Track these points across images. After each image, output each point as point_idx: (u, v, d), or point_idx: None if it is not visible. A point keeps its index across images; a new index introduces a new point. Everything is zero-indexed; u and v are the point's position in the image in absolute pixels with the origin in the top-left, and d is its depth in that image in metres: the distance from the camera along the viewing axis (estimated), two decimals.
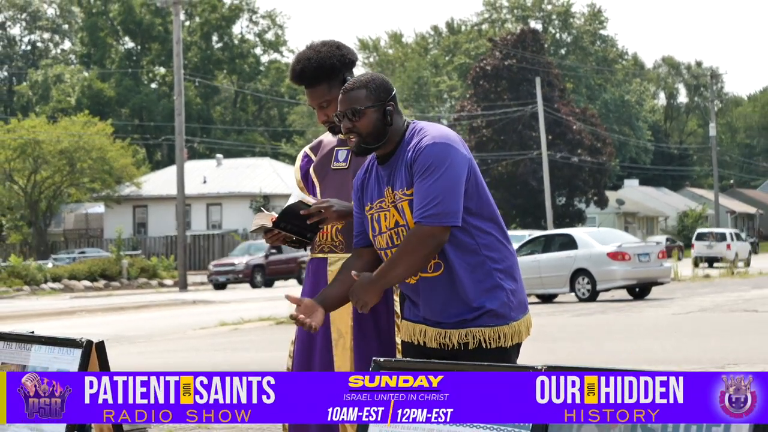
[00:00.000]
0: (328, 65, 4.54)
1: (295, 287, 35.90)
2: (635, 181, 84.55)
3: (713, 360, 11.63)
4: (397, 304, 4.47)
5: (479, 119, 63.14)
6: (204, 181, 56.82)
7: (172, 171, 51.62)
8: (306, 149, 4.86)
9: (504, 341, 3.97)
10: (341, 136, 4.13)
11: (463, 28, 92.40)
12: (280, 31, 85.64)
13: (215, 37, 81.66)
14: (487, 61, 64.54)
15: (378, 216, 4.07)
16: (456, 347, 3.97)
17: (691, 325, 16.51)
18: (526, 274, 22.18)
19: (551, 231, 31.86)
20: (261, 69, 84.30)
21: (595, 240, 24.47)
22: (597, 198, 64.14)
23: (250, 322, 19.62)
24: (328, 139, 4.76)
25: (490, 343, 3.95)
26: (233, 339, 16.71)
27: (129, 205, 58.19)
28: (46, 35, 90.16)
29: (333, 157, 4.69)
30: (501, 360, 3.92)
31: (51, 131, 53.62)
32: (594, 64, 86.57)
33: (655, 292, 24.81)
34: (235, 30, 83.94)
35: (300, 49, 4.70)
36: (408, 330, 4.14)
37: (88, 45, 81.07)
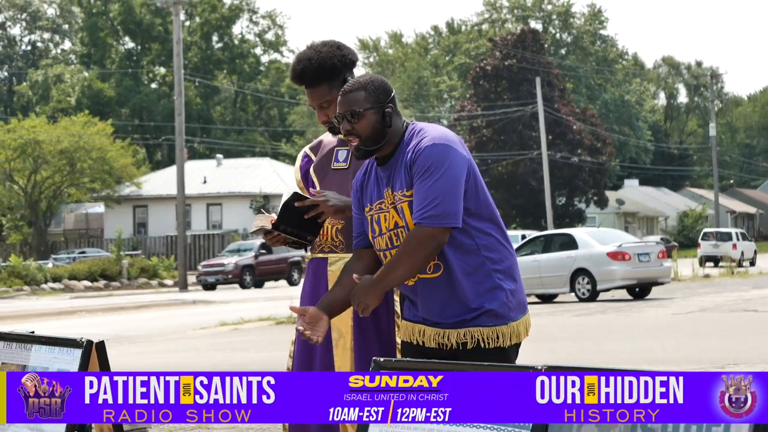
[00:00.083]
0: (328, 66, 4.53)
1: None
2: (635, 181, 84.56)
3: (713, 360, 11.63)
4: (398, 304, 4.47)
5: (479, 119, 63.15)
6: (204, 181, 56.82)
7: (172, 171, 51.62)
8: (306, 149, 4.85)
9: (503, 341, 3.96)
10: (341, 136, 4.13)
11: (463, 28, 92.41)
12: (280, 31, 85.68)
13: (215, 37, 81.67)
14: (487, 61, 64.55)
15: (377, 217, 4.06)
16: (455, 347, 3.97)
17: (691, 325, 16.50)
18: (526, 274, 22.17)
19: (551, 231, 31.84)
20: (261, 69, 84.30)
21: (595, 240, 24.46)
22: (597, 198, 64.15)
23: (250, 322, 19.62)
24: (328, 139, 4.76)
25: (488, 343, 3.95)
26: (233, 339, 16.71)
27: (129, 205, 58.19)
28: (46, 35, 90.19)
29: (333, 157, 4.68)
30: (500, 360, 3.91)
31: (51, 131, 53.62)
32: (594, 64, 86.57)
33: (655, 292, 24.80)
34: (235, 30, 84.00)
35: (300, 49, 4.69)
36: (407, 330, 4.14)
37: (88, 45, 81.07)
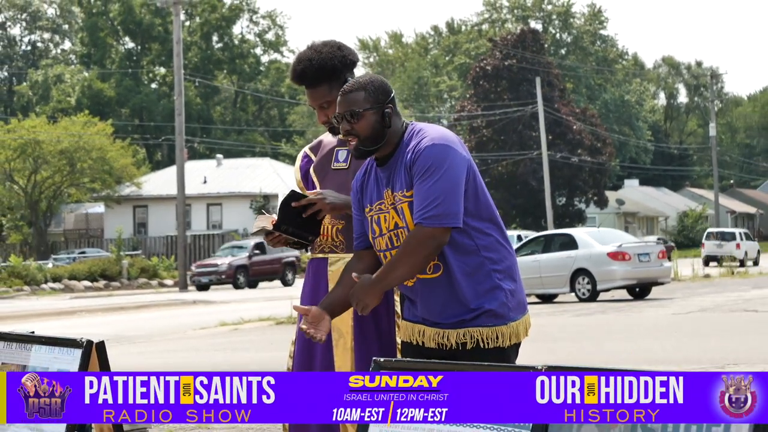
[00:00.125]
0: (329, 66, 4.53)
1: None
2: (635, 181, 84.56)
3: (713, 360, 11.62)
4: (398, 304, 4.47)
5: (479, 119, 63.14)
6: (204, 181, 56.82)
7: (172, 171, 51.61)
8: (306, 149, 4.85)
9: (502, 341, 3.96)
10: (341, 136, 4.13)
11: (463, 28, 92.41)
12: (280, 32, 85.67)
13: (215, 37, 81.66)
14: (487, 61, 64.55)
15: (377, 218, 4.06)
16: (454, 347, 3.96)
17: (691, 325, 16.50)
18: (526, 274, 22.16)
19: (551, 231, 31.84)
20: (261, 69, 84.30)
21: (595, 240, 24.45)
22: (597, 198, 64.14)
23: (250, 322, 19.62)
24: (328, 140, 4.75)
25: (488, 343, 3.95)
26: (233, 339, 16.71)
27: (129, 205, 58.19)
28: (46, 35, 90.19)
29: (333, 158, 4.68)
30: (499, 360, 3.91)
31: (51, 131, 53.62)
32: (594, 64, 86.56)
33: (655, 292, 24.79)
34: (236, 30, 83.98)
35: (301, 50, 4.69)
36: (407, 330, 4.14)
37: (88, 45, 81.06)
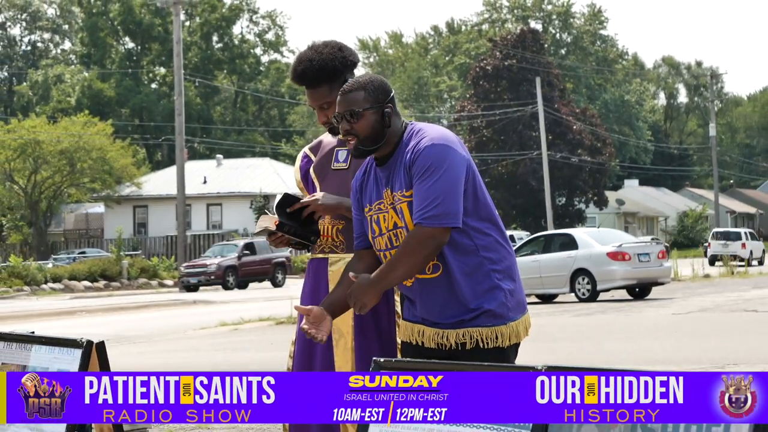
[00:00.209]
0: (329, 67, 4.53)
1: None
2: (635, 181, 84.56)
3: (713, 360, 11.62)
4: (398, 304, 4.47)
5: (479, 119, 63.14)
6: (204, 181, 56.82)
7: (172, 171, 51.62)
8: (306, 149, 4.85)
9: (502, 341, 3.96)
10: (341, 136, 4.13)
11: (463, 28, 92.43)
12: (280, 32, 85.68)
13: (215, 38, 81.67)
14: (487, 61, 64.56)
15: (377, 218, 4.06)
16: (454, 347, 3.96)
17: (691, 325, 16.49)
18: (526, 274, 22.15)
19: (551, 231, 31.83)
20: (261, 69, 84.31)
21: (595, 240, 24.44)
22: (597, 198, 64.14)
23: (250, 322, 19.61)
24: (327, 140, 4.75)
25: (487, 343, 3.94)
26: (233, 339, 16.70)
27: (129, 205, 58.20)
28: (46, 35, 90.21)
29: (333, 158, 4.68)
30: (499, 360, 3.91)
31: (51, 131, 53.64)
32: (594, 64, 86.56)
33: (655, 292, 24.78)
34: (236, 30, 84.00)
35: (301, 50, 4.69)
36: (406, 330, 4.14)
37: (88, 45, 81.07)
